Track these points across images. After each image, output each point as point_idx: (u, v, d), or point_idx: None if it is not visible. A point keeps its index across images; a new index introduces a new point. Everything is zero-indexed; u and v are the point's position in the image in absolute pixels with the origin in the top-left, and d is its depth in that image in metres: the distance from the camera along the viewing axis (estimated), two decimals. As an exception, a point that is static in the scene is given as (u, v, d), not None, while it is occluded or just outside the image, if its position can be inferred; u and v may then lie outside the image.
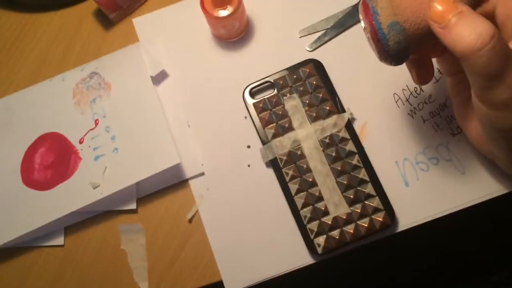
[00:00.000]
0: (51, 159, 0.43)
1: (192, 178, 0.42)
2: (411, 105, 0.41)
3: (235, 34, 0.44)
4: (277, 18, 0.45)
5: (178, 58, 0.45)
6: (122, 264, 0.42)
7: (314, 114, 0.40)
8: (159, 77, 0.45)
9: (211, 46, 0.45)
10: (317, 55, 0.43)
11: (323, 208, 0.38)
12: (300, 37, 0.44)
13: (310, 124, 0.40)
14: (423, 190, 0.40)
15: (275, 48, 0.44)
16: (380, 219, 0.38)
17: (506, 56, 0.26)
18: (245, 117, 0.43)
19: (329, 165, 0.39)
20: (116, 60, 0.45)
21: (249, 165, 0.42)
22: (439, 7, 0.27)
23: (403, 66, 0.34)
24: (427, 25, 0.28)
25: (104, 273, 0.42)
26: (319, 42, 0.44)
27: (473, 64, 0.26)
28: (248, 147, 0.42)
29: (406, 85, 0.42)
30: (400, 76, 0.42)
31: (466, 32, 0.26)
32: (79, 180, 0.42)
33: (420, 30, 0.28)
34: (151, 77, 0.44)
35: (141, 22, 0.47)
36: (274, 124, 0.40)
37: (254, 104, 0.41)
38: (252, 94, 0.42)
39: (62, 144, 0.43)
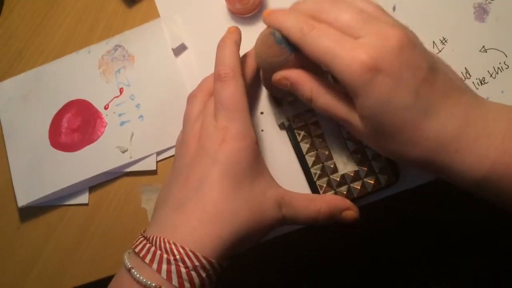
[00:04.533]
0: (77, 123, 0.46)
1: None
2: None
3: (250, 8, 0.47)
4: (289, -7, 0.48)
5: (196, 33, 0.48)
6: (142, 221, 0.45)
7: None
8: (179, 50, 0.48)
9: (227, 21, 0.48)
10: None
11: (332, 166, 0.41)
12: (311, 12, 0.47)
13: (321, 89, 0.43)
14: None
15: (288, 23, 0.47)
16: (385, 177, 0.40)
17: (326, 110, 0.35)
18: (259, 86, 0.45)
19: (339, 126, 0.42)
20: (138, 34, 0.48)
21: (262, 130, 0.44)
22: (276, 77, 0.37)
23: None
24: None
25: (125, 230, 0.45)
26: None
27: None
28: (262, 113, 0.45)
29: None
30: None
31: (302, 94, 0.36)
32: (106, 143, 0.45)
33: None
34: (172, 49, 0.47)
35: (162, -1, 0.50)
36: (287, 89, 0.43)
37: (268, 70, 0.44)
38: (267, 63, 0.45)
39: (87, 110, 0.46)
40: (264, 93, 0.45)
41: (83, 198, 0.45)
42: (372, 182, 0.40)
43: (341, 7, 0.33)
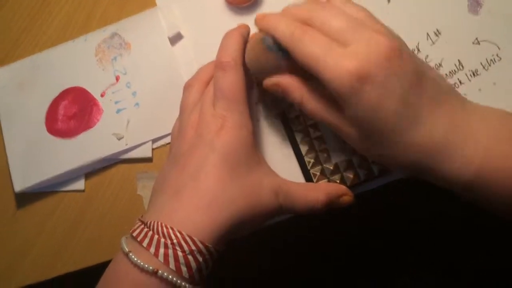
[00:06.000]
0: (74, 110, 0.46)
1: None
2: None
3: (247, -2, 0.47)
4: (286, -16, 0.48)
5: (193, 22, 0.49)
6: (138, 208, 0.45)
7: (319, 70, 0.43)
8: (175, 38, 0.48)
9: (224, 11, 0.49)
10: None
11: (325, 155, 0.42)
12: (307, 3, 0.47)
13: (316, 79, 0.43)
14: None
15: (284, 13, 0.48)
16: (378, 166, 0.41)
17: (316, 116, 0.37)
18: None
19: (333, 116, 0.42)
20: (135, 22, 0.49)
21: (257, 120, 0.45)
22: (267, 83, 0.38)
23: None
24: None
25: (121, 216, 0.45)
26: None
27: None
28: (257, 103, 0.45)
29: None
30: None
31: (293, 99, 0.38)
32: (102, 130, 0.45)
33: None
34: (168, 38, 0.47)
35: (159, -12, 0.50)
36: (282, 78, 0.44)
37: (264, 60, 0.44)
38: (263, 53, 0.45)
39: (84, 97, 0.47)
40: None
41: (79, 185, 0.46)
42: (365, 171, 0.41)
43: (332, 13, 0.34)
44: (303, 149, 0.42)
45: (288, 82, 0.37)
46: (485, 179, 0.32)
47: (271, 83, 0.38)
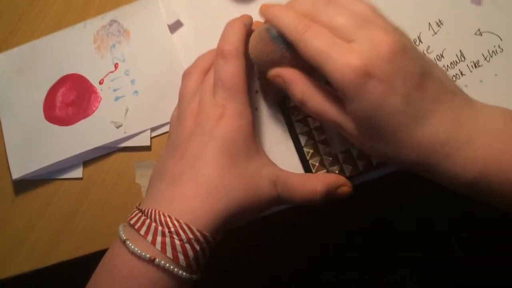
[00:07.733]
0: (72, 98, 0.46)
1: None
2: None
3: (247, -14, 0.47)
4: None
5: (193, 10, 0.48)
6: (136, 197, 0.45)
7: (319, 60, 0.43)
8: (174, 26, 0.48)
9: (224, -1, 0.48)
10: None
11: (325, 145, 0.41)
12: (308, -8, 0.47)
13: (316, 68, 0.43)
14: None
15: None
16: (378, 157, 0.41)
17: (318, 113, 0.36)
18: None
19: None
20: (134, 9, 0.48)
21: (256, 109, 0.45)
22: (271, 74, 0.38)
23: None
24: None
25: (119, 205, 0.45)
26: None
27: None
28: (256, 92, 0.45)
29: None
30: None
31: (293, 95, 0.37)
32: (100, 118, 0.45)
33: None
34: (167, 25, 0.47)
35: (159, -25, 0.50)
36: (282, 67, 0.43)
37: (264, 48, 0.44)
38: (263, 41, 0.45)
39: (82, 84, 0.46)
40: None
41: (77, 173, 0.45)
42: (364, 162, 0.41)
43: (336, 8, 0.34)
44: (302, 139, 0.42)
45: (291, 75, 0.36)
46: (488, 179, 0.31)
47: (274, 74, 0.37)
